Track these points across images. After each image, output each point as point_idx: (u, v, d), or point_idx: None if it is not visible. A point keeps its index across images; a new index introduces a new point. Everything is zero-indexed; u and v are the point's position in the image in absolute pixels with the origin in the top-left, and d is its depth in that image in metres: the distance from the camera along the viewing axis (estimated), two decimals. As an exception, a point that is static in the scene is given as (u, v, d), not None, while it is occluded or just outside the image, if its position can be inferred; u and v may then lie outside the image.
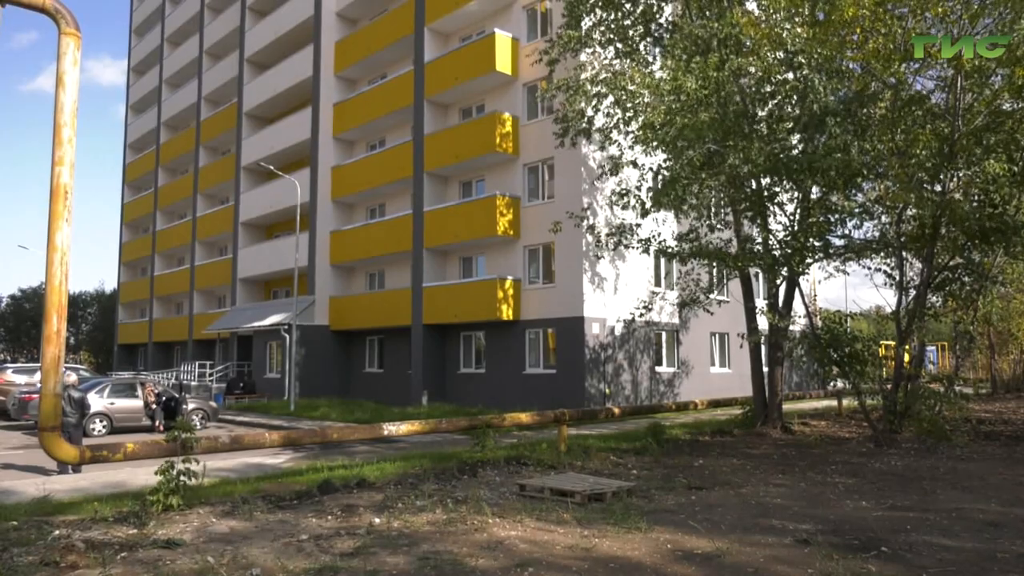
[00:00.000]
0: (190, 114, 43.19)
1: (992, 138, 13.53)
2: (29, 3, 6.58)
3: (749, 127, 14.80)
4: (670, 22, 17.71)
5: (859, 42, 12.93)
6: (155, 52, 48.58)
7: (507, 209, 23.57)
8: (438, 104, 26.98)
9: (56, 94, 7.53)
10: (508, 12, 25.21)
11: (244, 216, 35.65)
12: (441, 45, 27.28)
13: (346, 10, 31.20)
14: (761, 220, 15.73)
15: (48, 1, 6.72)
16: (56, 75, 7.46)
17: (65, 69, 7.50)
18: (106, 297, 61.85)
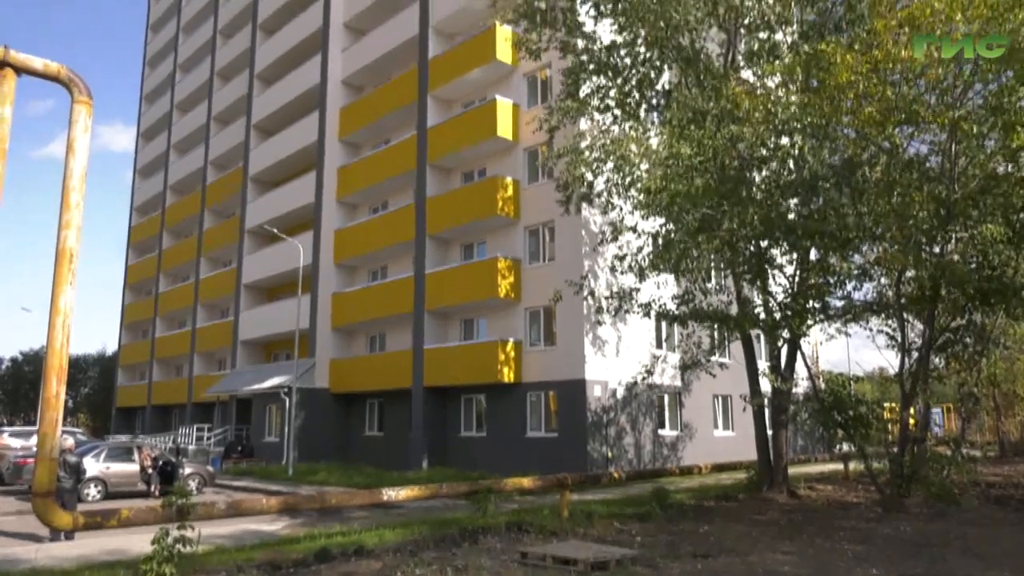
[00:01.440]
0: (196, 178, 43.88)
1: (988, 201, 13.68)
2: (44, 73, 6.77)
3: (745, 191, 15.00)
4: (667, 90, 18.14)
5: (853, 107, 13.21)
6: (164, 118, 49.66)
7: (508, 272, 23.70)
8: (440, 168, 27.43)
9: (66, 159, 7.67)
10: (509, 79, 25.86)
11: (247, 278, 35.86)
12: (444, 111, 27.89)
13: (351, 78, 32.01)
14: (760, 282, 15.80)
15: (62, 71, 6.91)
16: (67, 141, 7.61)
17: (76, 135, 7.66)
18: (106, 359, 61.68)
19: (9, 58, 6.48)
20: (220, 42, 43.48)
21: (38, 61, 6.87)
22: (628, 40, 17.63)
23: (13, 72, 6.63)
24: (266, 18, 38.47)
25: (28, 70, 6.77)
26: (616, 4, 17.19)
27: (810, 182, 14.24)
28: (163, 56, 52.12)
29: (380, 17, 31.10)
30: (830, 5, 17.01)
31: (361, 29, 32.47)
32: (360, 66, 31.33)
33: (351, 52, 31.97)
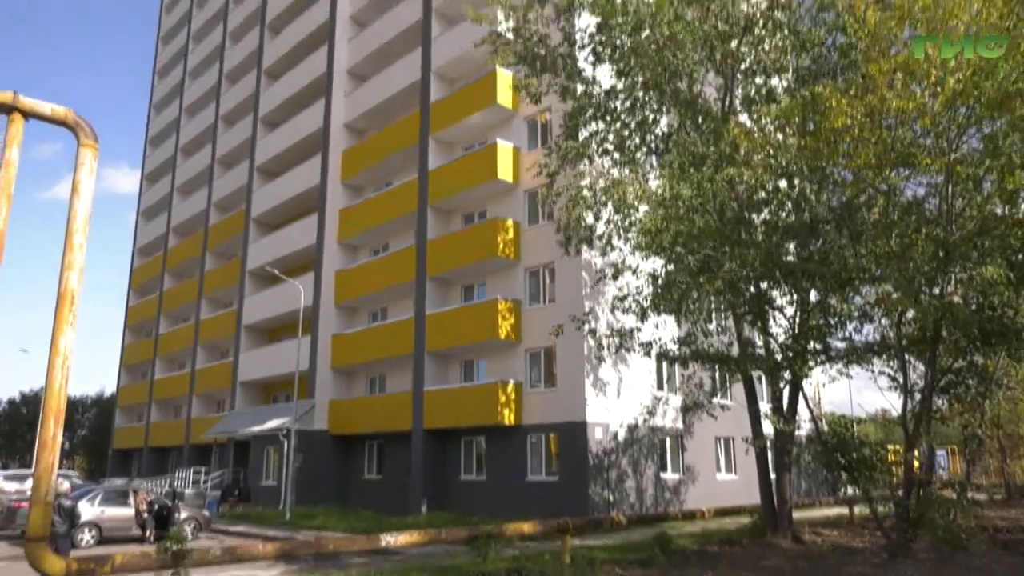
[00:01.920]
0: (199, 220, 44.17)
1: (986, 242, 13.74)
2: (51, 117, 6.87)
3: (745, 233, 15.09)
4: (666, 134, 18.37)
5: (850, 150, 13.35)
6: (168, 161, 50.20)
7: (509, 313, 23.71)
8: (441, 210, 27.62)
9: (71, 201, 7.74)
10: (509, 123, 26.20)
11: (247, 320, 35.85)
12: (445, 154, 28.20)
13: (354, 121, 32.44)
14: (761, 323, 15.79)
15: (69, 115, 7.01)
16: (72, 184, 7.69)
17: (81, 178, 7.73)
18: (104, 401, 61.33)
19: (18, 103, 6.59)
20: (225, 87, 44.17)
21: (46, 106, 6.99)
22: (627, 85, 17.91)
23: (21, 116, 6.74)
24: (271, 63, 39.15)
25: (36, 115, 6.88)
26: (615, 50, 17.49)
27: (810, 224, 14.34)
28: (169, 100, 52.90)
29: (383, 63, 31.65)
30: (825, 51, 17.31)
31: (364, 75, 33.02)
32: (363, 110, 31.79)
33: (354, 96, 32.47)
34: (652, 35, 16.47)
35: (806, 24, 17.33)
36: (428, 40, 28.78)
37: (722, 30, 16.67)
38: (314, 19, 35.85)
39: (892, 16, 12.90)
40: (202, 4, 50.53)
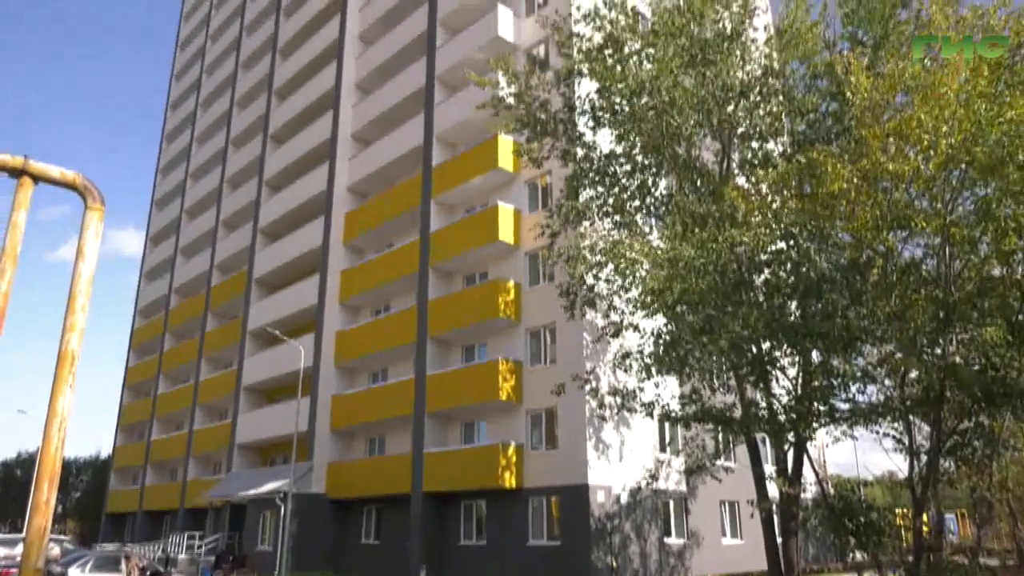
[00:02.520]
0: (201, 281, 44.39)
1: (986, 303, 13.76)
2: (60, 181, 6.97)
3: (747, 293, 15.15)
4: (665, 196, 18.61)
5: (847, 213, 13.50)
6: (173, 223, 50.74)
7: (510, 374, 23.59)
8: (442, 271, 27.78)
9: (75, 263, 7.79)
10: (510, 186, 26.57)
11: (247, 380, 35.67)
12: (446, 216, 28.52)
13: (357, 184, 32.91)
14: (763, 384, 15.70)
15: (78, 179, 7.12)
16: (77, 246, 7.75)
17: (86, 240, 7.80)
18: (99, 463, 60.51)
19: (28, 167, 6.70)
20: (231, 151, 44.98)
21: (55, 170, 7.11)
22: (626, 148, 18.24)
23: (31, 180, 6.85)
24: (277, 128, 39.96)
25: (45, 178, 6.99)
26: (614, 114, 17.87)
27: (810, 285, 14.40)
28: (176, 164, 53.80)
29: (386, 127, 32.30)
30: (819, 116, 17.69)
31: (367, 139, 33.67)
32: (366, 173, 32.29)
33: (357, 160, 33.03)
34: (650, 100, 16.86)
35: (800, 91, 17.76)
36: (431, 106, 29.43)
37: (719, 96, 17.08)
38: (320, 86, 36.73)
39: (884, 83, 13.24)
40: (211, 71, 51.86)
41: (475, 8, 29.29)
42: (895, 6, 16.73)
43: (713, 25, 17.54)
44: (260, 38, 45.26)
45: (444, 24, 30.54)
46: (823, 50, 17.51)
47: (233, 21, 50.38)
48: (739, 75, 17.33)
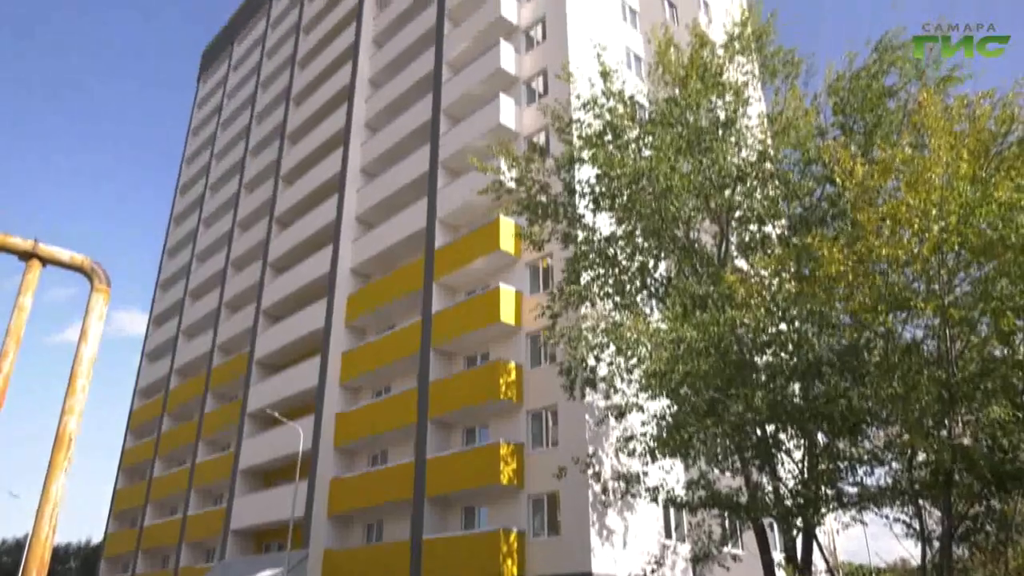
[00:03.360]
0: (202, 362, 44.28)
1: (989, 384, 13.68)
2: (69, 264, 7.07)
3: (749, 375, 15.10)
4: (665, 278, 18.79)
5: (845, 295, 13.61)
6: (176, 304, 51.00)
7: (511, 457, 23.23)
8: (443, 353, 27.73)
9: (78, 345, 7.80)
10: (512, 268, 26.83)
11: (244, 463, 35.11)
12: (448, 298, 28.68)
13: (360, 267, 33.25)
14: (769, 467, 15.46)
15: (86, 262, 7.22)
16: (81, 328, 7.80)
17: (90, 323, 7.84)
18: (89, 550, 58.89)
19: (38, 251, 6.81)
20: (237, 233, 45.68)
21: (64, 253, 7.21)
22: (626, 232, 18.53)
23: (39, 263, 6.95)
24: (282, 212, 40.72)
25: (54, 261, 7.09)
26: (614, 198, 18.24)
27: (812, 367, 14.38)
28: (182, 246, 54.52)
29: (390, 211, 32.88)
30: (815, 200, 18.05)
31: (371, 222, 34.22)
32: (369, 256, 32.66)
33: (361, 243, 33.47)
34: (649, 185, 17.25)
35: (795, 176, 18.19)
36: (434, 190, 30.04)
37: (716, 181, 17.48)
38: (326, 171, 37.64)
39: (877, 168, 13.58)
40: (221, 157, 53.21)
41: (478, 97, 30.28)
42: (884, 95, 17.33)
43: (708, 114, 18.13)
44: (269, 125, 46.66)
45: (447, 113, 31.52)
46: (816, 137, 18.03)
47: (244, 110, 52.03)
48: (735, 161, 17.78)
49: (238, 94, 54.39)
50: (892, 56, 17.44)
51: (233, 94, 55.45)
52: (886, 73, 17.52)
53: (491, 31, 30.94)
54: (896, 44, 17.49)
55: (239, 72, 55.98)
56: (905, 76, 17.41)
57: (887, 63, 17.48)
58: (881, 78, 17.41)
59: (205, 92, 62.15)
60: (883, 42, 17.63)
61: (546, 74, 28.58)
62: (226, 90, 56.79)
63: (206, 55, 65.07)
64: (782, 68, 18.94)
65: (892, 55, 17.45)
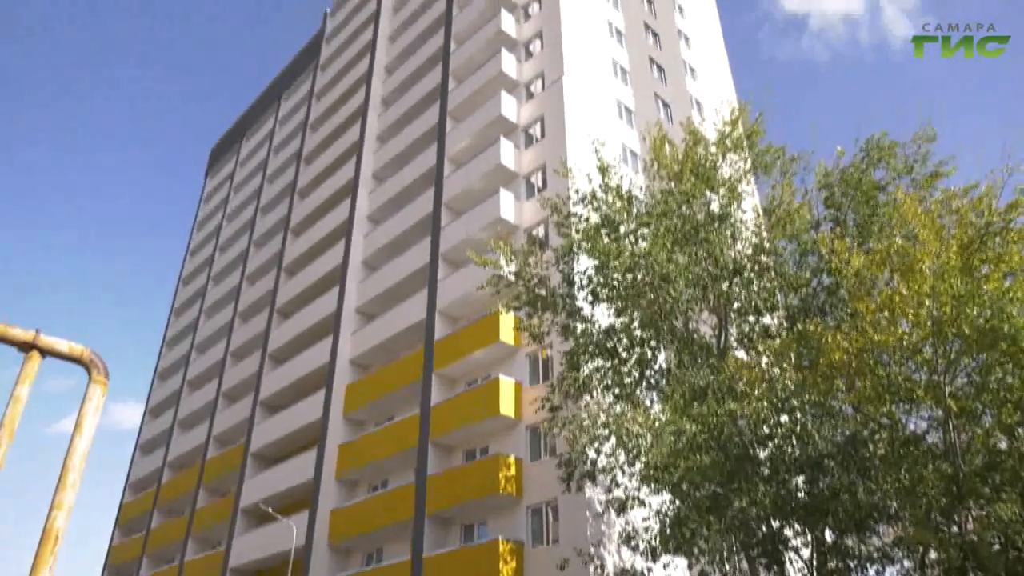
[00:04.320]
0: (196, 454, 43.53)
1: (997, 477, 13.42)
2: (68, 355, 7.09)
3: (752, 468, 14.83)
4: (665, 369, 18.72)
5: (848, 385, 13.54)
6: (173, 395, 50.57)
7: (510, 556, 22.50)
8: (442, 446, 27.30)
9: (72, 437, 7.72)
10: (512, 359, 26.75)
11: (234, 561, 33.96)
12: (447, 389, 28.47)
13: (359, 358, 33.16)
14: (777, 566, 14.96)
15: (85, 353, 7.25)
16: (76, 419, 7.74)
17: (86, 414, 7.78)
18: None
19: (38, 341, 6.86)
20: (238, 323, 45.80)
21: (64, 344, 7.26)
22: (625, 323, 18.59)
23: (39, 354, 6.98)
24: (284, 303, 41.00)
25: (53, 352, 7.11)
26: (612, 290, 18.38)
27: (816, 460, 14.14)
28: (182, 337, 54.54)
29: (390, 303, 33.09)
30: (812, 291, 18.18)
31: (371, 313, 34.37)
32: (369, 346, 32.63)
33: (361, 334, 33.51)
34: (646, 276, 17.43)
35: (792, 267, 18.39)
36: (434, 282, 30.31)
37: (713, 272, 17.67)
38: (329, 262, 38.12)
39: (872, 259, 13.78)
40: (224, 249, 53.96)
41: (479, 191, 31.00)
42: (874, 189, 17.74)
43: (702, 207, 18.50)
44: (274, 218, 47.57)
45: (449, 206, 32.20)
46: (810, 229, 18.34)
47: (250, 203, 53.16)
48: (731, 253, 18.02)
49: (244, 188, 55.71)
50: (880, 153, 17.95)
51: (239, 188, 56.78)
52: (875, 168, 18.00)
53: (492, 129, 31.98)
54: (884, 144, 18.03)
55: (246, 167, 57.54)
56: (893, 171, 17.87)
57: (876, 159, 17.97)
58: (870, 174, 17.87)
59: (212, 186, 63.66)
60: (870, 142, 18.19)
61: (545, 169, 29.34)
62: (233, 184, 58.19)
63: (215, 151, 67.04)
64: (773, 164, 19.47)
65: (880, 152, 17.97)
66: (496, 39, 34.86)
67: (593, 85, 32.16)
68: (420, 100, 38.20)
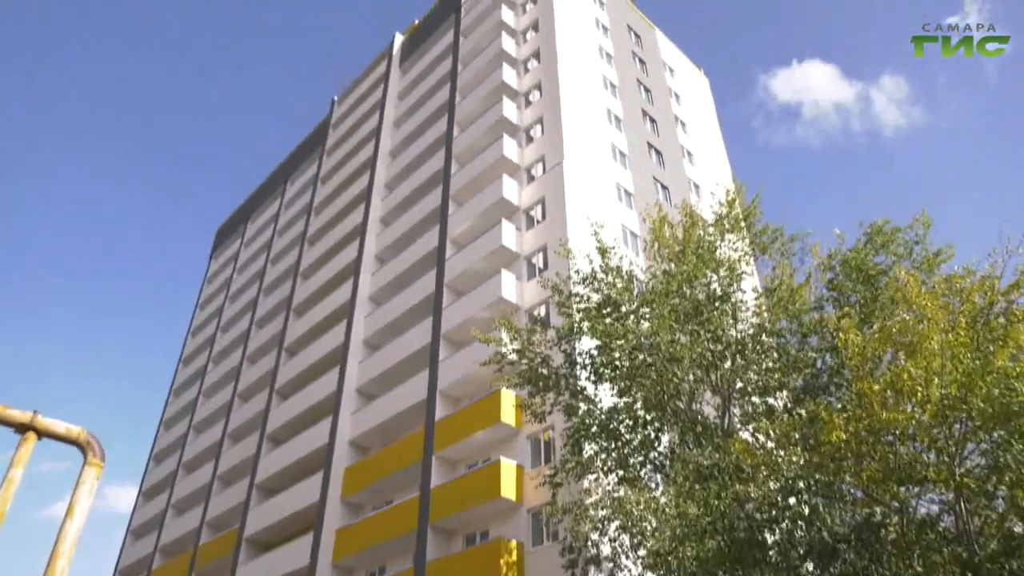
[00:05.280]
0: (189, 539, 42.36)
1: (1015, 563, 13.01)
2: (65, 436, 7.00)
3: (760, 554, 14.39)
4: (669, 450, 18.42)
5: (854, 466, 13.27)
6: (168, 477, 49.63)
7: (512, 647, 21.60)
8: (442, 530, 26.60)
9: (63, 521, 7.54)
10: (513, 441, 26.37)
11: (225, 655, 32.62)
12: (448, 471, 27.96)
13: (359, 439, 32.72)
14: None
15: (82, 434, 7.16)
16: (69, 503, 7.58)
17: (79, 497, 7.62)
18: None
19: (35, 423, 6.79)
20: (237, 404, 45.38)
21: (61, 425, 7.17)
22: (628, 404, 18.39)
23: (35, 436, 6.89)
24: (284, 383, 40.73)
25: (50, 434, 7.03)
26: (615, 370, 18.27)
27: (830, 544, 13.73)
28: (180, 417, 53.95)
29: (391, 383, 32.88)
30: (816, 371, 18.05)
31: (371, 393, 34.11)
32: (368, 428, 32.24)
33: (360, 414, 33.17)
34: (649, 357, 17.35)
35: (794, 347, 18.31)
36: (435, 362, 30.19)
37: (716, 351, 17.60)
38: (330, 343, 38.08)
39: (876, 337, 13.73)
40: (226, 329, 54.02)
41: (480, 272, 31.26)
42: (876, 273, 17.84)
43: (703, 287, 18.60)
44: (276, 299, 47.81)
45: (450, 287, 32.40)
46: (812, 310, 18.37)
47: (253, 283, 53.55)
48: (733, 333, 18.00)
49: (248, 269, 56.24)
50: (882, 238, 18.14)
51: (243, 269, 57.31)
52: (876, 253, 18.16)
53: (493, 211, 32.53)
54: (887, 229, 18.24)
55: (251, 248, 58.25)
56: (894, 255, 18.04)
57: (880, 244, 18.14)
58: (871, 258, 18.02)
59: (216, 267, 64.28)
60: (874, 227, 18.42)
61: (546, 250, 29.67)
62: (237, 265, 58.78)
63: (220, 233, 68.02)
64: (771, 244, 19.68)
65: (883, 237, 18.16)
66: (498, 125, 35.88)
67: (593, 169, 32.89)
68: (423, 183, 39.01)
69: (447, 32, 46.41)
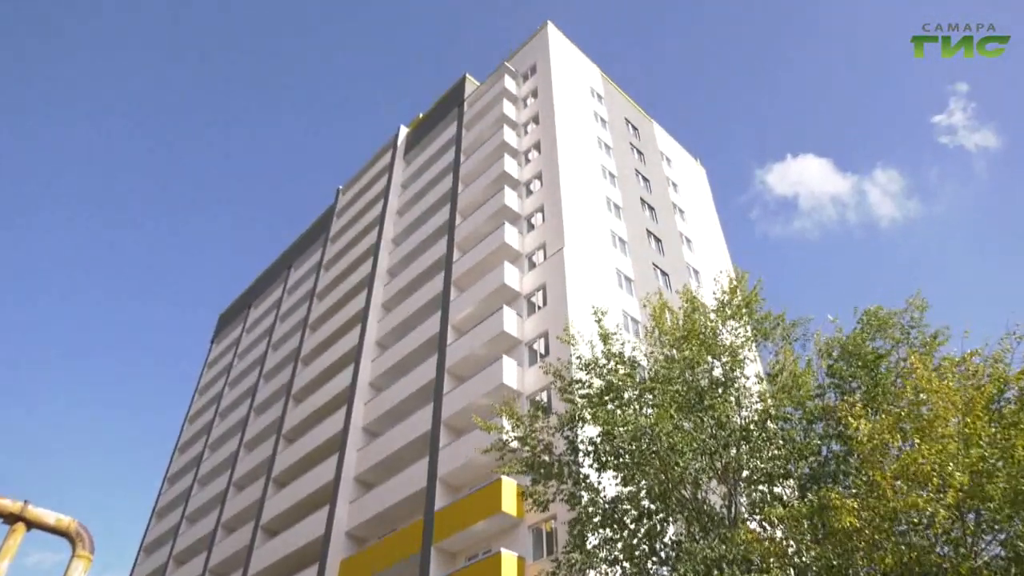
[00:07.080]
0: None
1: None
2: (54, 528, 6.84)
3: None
4: (674, 541, 17.88)
5: (866, 554, 12.84)
6: (159, 570, 48.10)
7: None
8: (441, 627, 25.55)
9: (47, 619, 7.26)
10: (514, 531, 25.63)
11: None
12: (447, 564, 27.07)
13: (355, 529, 31.83)
14: None
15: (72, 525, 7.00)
16: (54, 599, 7.28)
17: (65, 593, 7.34)
18: None
19: (26, 513, 6.64)
20: (232, 493, 44.39)
21: (51, 516, 7.02)
22: (632, 493, 17.97)
23: (24, 526, 6.73)
24: (280, 471, 39.95)
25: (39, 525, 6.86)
26: (618, 457, 17.93)
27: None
28: (173, 507, 52.74)
29: (390, 471, 32.24)
30: (823, 459, 17.71)
31: (370, 482, 33.39)
32: (366, 517, 31.42)
33: (359, 503, 32.38)
34: (652, 445, 17.06)
35: (799, 434, 18.03)
36: (435, 449, 29.69)
37: (720, 438, 17.32)
38: (329, 429, 37.54)
39: (884, 423, 13.50)
40: (225, 415, 53.43)
41: (481, 358, 31.14)
42: (877, 359, 17.77)
43: (706, 373, 18.48)
44: (276, 384, 47.47)
45: (451, 372, 32.21)
46: (815, 397, 18.19)
47: (253, 369, 53.31)
48: (737, 420, 17.78)
49: (249, 354, 56.07)
50: (878, 323, 18.19)
51: (244, 354, 57.14)
52: (872, 339, 18.16)
53: (495, 297, 32.70)
54: (881, 315, 18.32)
55: (252, 333, 58.25)
56: (891, 339, 18.03)
57: (875, 328, 18.18)
58: (867, 343, 18.01)
59: (217, 352, 64.10)
60: (868, 313, 18.51)
61: (547, 336, 29.63)
62: (238, 350, 58.65)
63: (223, 318, 68.16)
64: (773, 330, 19.67)
65: (877, 322, 18.21)
66: (500, 213, 36.52)
67: (593, 255, 33.26)
68: (425, 270, 39.37)
69: (450, 125, 47.87)
